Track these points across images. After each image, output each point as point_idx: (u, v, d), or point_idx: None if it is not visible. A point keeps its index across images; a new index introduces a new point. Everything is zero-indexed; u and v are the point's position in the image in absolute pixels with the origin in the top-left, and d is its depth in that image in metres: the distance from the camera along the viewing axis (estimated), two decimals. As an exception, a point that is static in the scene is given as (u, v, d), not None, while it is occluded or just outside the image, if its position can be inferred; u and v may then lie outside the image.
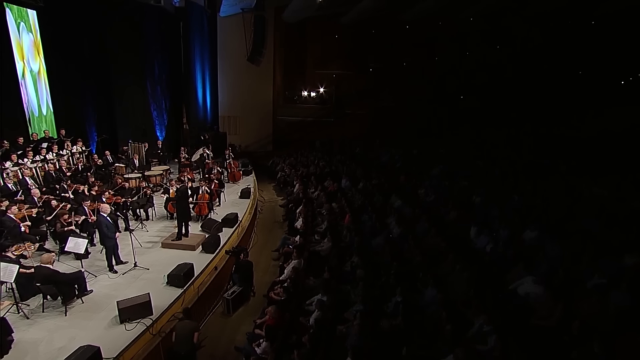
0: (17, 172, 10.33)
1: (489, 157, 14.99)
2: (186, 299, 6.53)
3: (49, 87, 13.62)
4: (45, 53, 13.41)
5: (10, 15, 12.22)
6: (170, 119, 16.72)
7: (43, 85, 13.64)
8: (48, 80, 13.57)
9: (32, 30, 13.20)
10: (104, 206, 7.21)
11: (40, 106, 13.40)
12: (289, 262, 8.03)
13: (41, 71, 13.61)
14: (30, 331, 5.59)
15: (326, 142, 19.64)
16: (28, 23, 13.03)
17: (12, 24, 12.28)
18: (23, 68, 12.69)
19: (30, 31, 13.18)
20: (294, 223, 10.48)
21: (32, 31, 13.20)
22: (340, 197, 11.70)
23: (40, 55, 13.51)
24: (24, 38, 12.84)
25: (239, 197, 11.72)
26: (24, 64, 12.74)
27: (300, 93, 21.25)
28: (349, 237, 9.18)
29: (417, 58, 20.23)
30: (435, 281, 6.63)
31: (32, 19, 13.12)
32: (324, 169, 15.56)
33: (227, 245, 8.36)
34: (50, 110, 13.64)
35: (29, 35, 13.14)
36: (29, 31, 13.11)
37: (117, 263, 7.30)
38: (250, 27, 16.69)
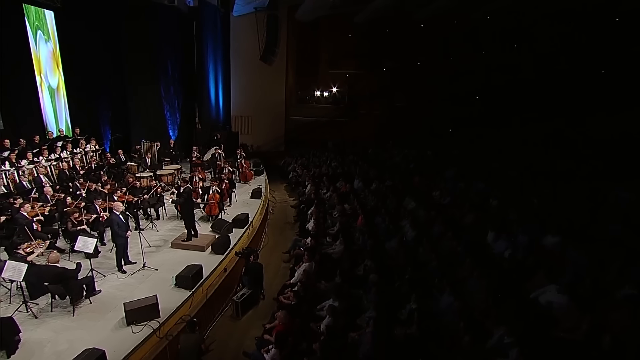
0: (33, 170, 10.44)
1: (505, 159, 14.56)
2: (194, 301, 6.41)
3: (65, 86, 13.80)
4: (62, 53, 13.58)
5: (28, 26, 12.45)
6: (183, 119, 16.74)
7: (62, 101, 13.90)
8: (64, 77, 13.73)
9: (51, 36, 13.42)
10: (117, 204, 7.16)
11: (58, 121, 13.65)
12: (299, 265, 7.84)
13: (60, 86, 13.88)
14: (37, 331, 5.53)
15: (339, 143, 19.42)
16: (45, 27, 13.21)
17: (30, 34, 12.51)
18: (40, 82, 12.89)
19: (49, 40, 13.40)
20: (305, 224, 10.30)
21: (50, 39, 13.42)
22: (353, 198, 11.47)
23: (60, 68, 13.74)
24: (41, 49, 13.04)
25: (250, 197, 11.60)
26: (41, 78, 12.94)
27: (313, 93, 21.06)
28: (361, 240, 8.94)
29: (432, 57, 19.82)
30: (452, 288, 6.36)
31: (49, 21, 13.33)
32: (336, 169, 15.35)
33: (237, 247, 8.22)
34: (68, 125, 13.90)
35: (47, 45, 13.36)
36: (47, 40, 13.32)
37: (125, 263, 7.23)
38: (263, 26, 16.63)
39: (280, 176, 16.55)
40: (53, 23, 13.39)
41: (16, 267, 5.73)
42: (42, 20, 13.19)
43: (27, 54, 12.37)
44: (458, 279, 6.83)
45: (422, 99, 19.71)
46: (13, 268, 5.74)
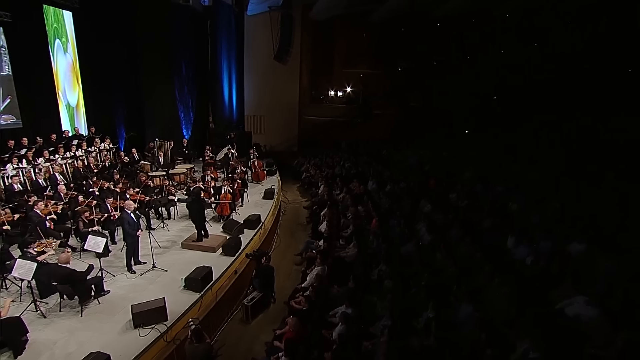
0: (49, 168, 10.52)
1: (524, 161, 14.04)
2: (203, 304, 6.25)
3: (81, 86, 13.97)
4: (79, 53, 13.74)
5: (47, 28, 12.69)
6: (197, 118, 16.74)
7: (82, 117, 14.14)
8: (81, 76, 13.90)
9: (69, 37, 13.62)
10: (128, 203, 7.07)
11: (75, 120, 13.89)
12: (312, 268, 7.62)
13: (80, 104, 14.12)
14: (45, 331, 5.46)
15: (352, 143, 19.13)
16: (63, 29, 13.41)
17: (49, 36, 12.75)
18: (57, 83, 13.14)
19: (66, 51, 13.65)
20: (318, 226, 10.08)
21: (67, 50, 13.66)
22: (367, 200, 11.19)
23: (79, 83, 13.98)
24: (59, 60, 13.26)
25: (262, 197, 11.45)
26: (59, 96, 13.17)
27: (327, 92, 20.81)
28: (375, 243, 8.67)
29: (448, 57, 19.36)
30: (471, 296, 6.05)
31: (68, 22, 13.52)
32: (350, 170, 15.09)
33: (248, 248, 8.06)
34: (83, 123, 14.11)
35: (65, 56, 13.59)
36: (65, 51, 13.55)
37: (135, 263, 7.14)
38: (277, 25, 16.49)
39: (293, 176, 16.38)
40: (71, 24, 13.56)
41: (26, 266, 5.68)
42: (61, 22, 13.38)
43: (46, 53, 12.58)
44: (477, 286, 6.51)
45: (438, 99, 19.27)
46: (22, 266, 5.69)
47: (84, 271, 5.88)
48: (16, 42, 11.62)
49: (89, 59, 13.69)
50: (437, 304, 5.93)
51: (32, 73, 12.06)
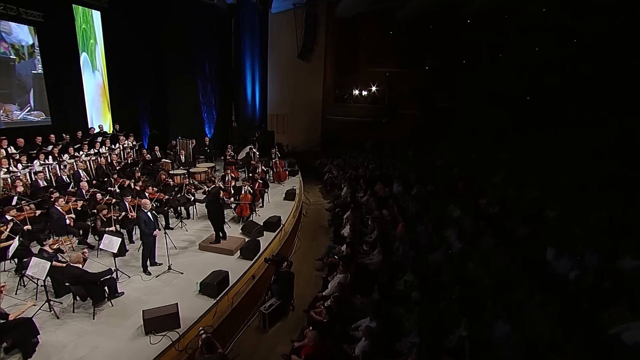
0: (73, 165, 10.58)
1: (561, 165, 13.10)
2: (219, 310, 5.94)
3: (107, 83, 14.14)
4: (106, 52, 13.91)
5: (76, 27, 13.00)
6: (219, 116, 16.65)
7: (107, 114, 14.44)
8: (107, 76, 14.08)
9: (99, 44, 13.95)
10: (145, 201, 6.86)
11: (100, 118, 14.13)
12: (333, 275, 7.20)
13: (106, 101, 14.43)
14: (57, 333, 5.28)
15: (376, 144, 18.57)
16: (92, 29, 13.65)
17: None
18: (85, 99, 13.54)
19: (96, 69, 14.03)
20: (340, 229, 9.64)
21: (95, 52, 13.95)
22: (392, 203, 10.66)
23: (106, 81, 14.22)
24: (86, 78, 13.52)
25: (284, 198, 11.13)
26: (86, 94, 13.54)
27: (351, 92, 20.31)
28: (401, 250, 8.15)
29: (479, 55, 18.46)
30: (509, 313, 5.46)
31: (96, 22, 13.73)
32: (374, 172, 14.57)
33: (267, 252, 7.72)
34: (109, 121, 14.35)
35: (94, 75, 13.97)
36: (93, 69, 13.94)
37: (151, 264, 6.93)
38: (301, 23, 16.17)
39: (315, 177, 16.00)
40: (99, 23, 13.75)
41: (39, 265, 5.52)
42: (90, 22, 13.58)
43: (75, 52, 12.79)
44: (515, 302, 5.90)
45: (467, 99, 18.42)
46: (37, 265, 5.55)
47: (97, 272, 5.68)
48: (47, 41, 11.89)
49: (116, 58, 13.84)
50: (470, 321, 5.39)
51: (61, 71, 12.32)
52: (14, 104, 11.44)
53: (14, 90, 11.40)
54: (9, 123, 11.26)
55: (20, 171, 9.45)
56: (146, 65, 14.32)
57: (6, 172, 9.19)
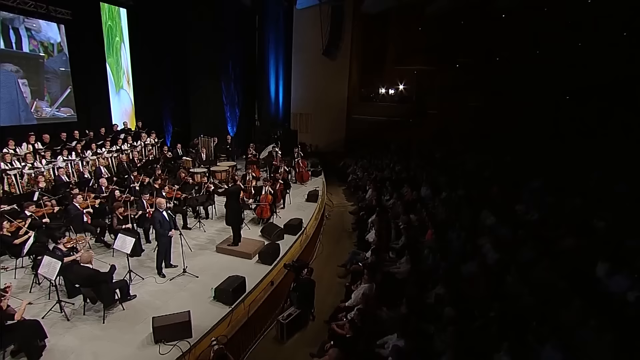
0: (95, 161, 10.54)
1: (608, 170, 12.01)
2: (234, 318, 5.54)
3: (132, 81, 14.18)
4: (132, 50, 13.95)
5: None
6: (242, 115, 16.43)
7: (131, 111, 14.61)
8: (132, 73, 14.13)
9: (124, 41, 14.01)
10: (160, 200, 6.56)
11: (124, 114, 14.27)
12: (357, 284, 6.68)
13: (130, 98, 14.62)
14: (65, 337, 5.03)
15: (402, 145, 17.85)
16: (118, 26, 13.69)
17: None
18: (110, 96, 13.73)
19: (121, 67, 14.16)
20: (364, 234, 9.10)
21: (120, 49, 14.04)
22: (420, 208, 10.02)
23: (130, 78, 14.35)
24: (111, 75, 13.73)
25: (306, 200, 10.69)
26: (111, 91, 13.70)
27: (378, 90, 19.63)
28: (431, 259, 7.53)
29: (514, 52, 17.38)
30: (558, 337, 4.78)
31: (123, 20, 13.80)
32: (400, 174, 13.91)
33: (287, 258, 7.28)
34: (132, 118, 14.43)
35: (119, 73, 14.07)
36: (118, 67, 14.11)
37: (166, 266, 6.63)
38: (327, 19, 15.70)
39: (338, 178, 15.49)
40: (125, 21, 13.80)
41: (50, 264, 5.30)
42: (116, 19, 13.66)
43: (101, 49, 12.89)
44: (564, 324, 5.20)
45: (500, 99, 17.39)
46: (48, 264, 5.33)
47: (107, 272, 5.40)
48: (74, 39, 12.01)
49: (141, 55, 13.88)
50: (513, 344, 4.75)
51: (87, 69, 12.45)
52: (43, 100, 11.60)
53: (43, 87, 11.55)
54: (38, 119, 11.41)
55: (44, 166, 9.45)
56: (170, 63, 14.29)
57: (30, 167, 9.20)
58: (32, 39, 11.18)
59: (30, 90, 11.25)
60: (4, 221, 6.52)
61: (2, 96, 10.38)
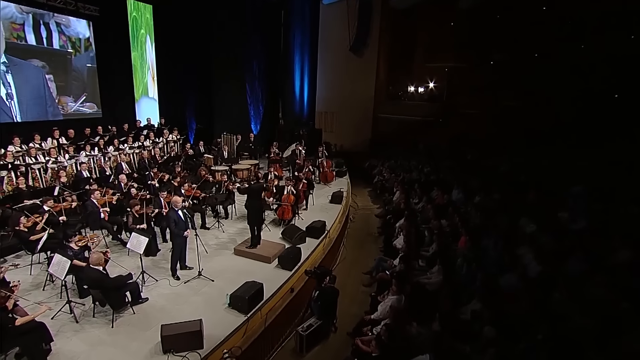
0: (117, 157, 10.45)
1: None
2: (249, 328, 5.11)
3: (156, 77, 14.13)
4: (156, 46, 13.90)
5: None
6: (266, 113, 16.13)
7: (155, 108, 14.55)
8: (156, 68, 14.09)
9: (150, 35, 13.96)
10: (175, 199, 6.23)
11: (148, 111, 14.21)
12: (383, 295, 6.12)
13: (154, 95, 14.51)
14: (72, 341, 4.76)
15: (431, 145, 17.04)
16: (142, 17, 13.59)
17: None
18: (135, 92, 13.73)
19: (145, 46, 14.03)
20: (391, 239, 8.50)
21: (145, 44, 14.02)
22: (453, 212, 9.31)
23: (155, 74, 14.28)
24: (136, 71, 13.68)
25: (329, 201, 10.20)
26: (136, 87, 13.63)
27: (406, 88, 18.79)
28: (465, 269, 6.86)
29: (555, 46, 16.19)
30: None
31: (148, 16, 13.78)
32: (429, 176, 13.19)
33: (309, 262, 6.81)
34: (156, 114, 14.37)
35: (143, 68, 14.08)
36: (143, 62, 14.02)
37: (182, 267, 6.29)
38: (354, 14, 15.13)
39: (363, 179, 14.89)
40: (150, 13, 13.76)
41: (60, 263, 5.05)
42: (141, 10, 13.60)
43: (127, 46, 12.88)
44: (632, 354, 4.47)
45: (538, 97, 16.26)
46: (57, 263, 5.08)
47: (117, 277, 5.09)
48: (101, 35, 12.04)
49: (165, 50, 13.81)
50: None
51: (113, 65, 12.48)
52: (69, 96, 11.66)
53: (70, 83, 11.61)
54: (66, 114, 11.48)
55: (67, 161, 9.41)
56: (194, 59, 14.17)
57: (54, 162, 9.17)
58: (61, 34, 11.25)
59: (56, 85, 11.32)
60: (21, 216, 6.39)
61: (30, 91, 10.48)
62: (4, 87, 10.11)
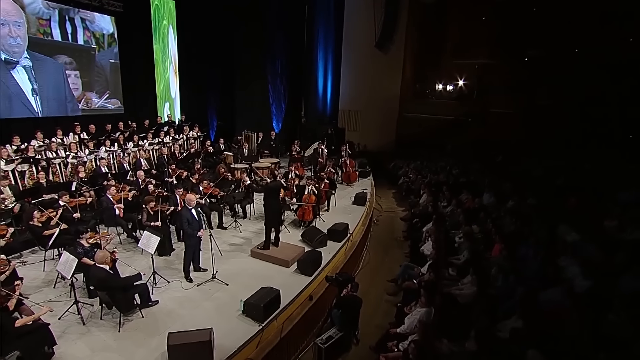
0: (136, 153, 10.32)
1: None
2: (264, 338, 4.70)
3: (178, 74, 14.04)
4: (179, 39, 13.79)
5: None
6: (288, 111, 15.78)
7: (176, 104, 14.40)
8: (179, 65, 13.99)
9: (172, 27, 13.80)
10: (189, 197, 5.90)
11: (173, 108, 14.25)
12: (411, 307, 5.57)
13: (175, 91, 14.40)
14: (77, 344, 4.47)
15: (460, 146, 16.25)
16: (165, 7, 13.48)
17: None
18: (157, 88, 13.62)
19: (168, 57, 14.03)
20: (418, 245, 7.92)
21: (168, 41, 13.95)
22: (485, 217, 8.63)
23: (177, 71, 14.17)
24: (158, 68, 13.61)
25: (352, 202, 9.69)
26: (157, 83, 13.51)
27: (434, 86, 18.06)
28: (501, 281, 6.22)
29: (598, 41, 15.06)
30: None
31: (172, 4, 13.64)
32: (458, 178, 12.48)
33: (330, 268, 6.34)
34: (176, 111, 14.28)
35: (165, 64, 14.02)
36: (165, 57, 13.92)
37: (195, 269, 5.96)
38: (381, 8, 14.56)
39: (388, 180, 14.31)
40: (173, 7, 13.67)
41: (67, 262, 4.79)
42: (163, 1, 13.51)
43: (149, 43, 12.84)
44: None
45: (576, 96, 15.18)
46: (65, 262, 4.82)
47: (124, 277, 4.78)
48: (124, 31, 12.02)
49: (188, 45, 13.75)
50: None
51: (135, 61, 12.43)
52: (93, 92, 11.67)
53: (93, 79, 11.62)
54: (86, 110, 11.48)
55: (87, 156, 9.33)
56: (216, 56, 14.01)
57: (74, 157, 9.10)
58: (86, 29, 11.26)
59: (81, 81, 11.34)
60: (35, 211, 6.24)
61: (52, 87, 10.50)
62: (30, 82, 10.18)
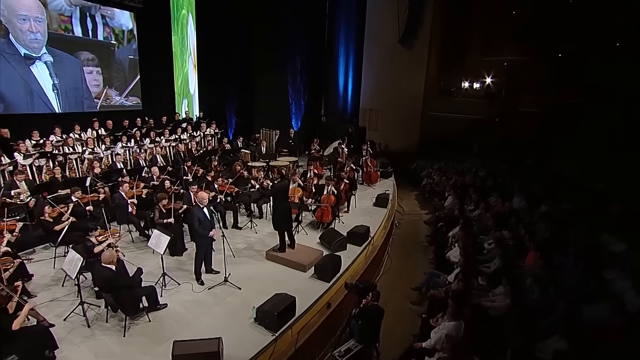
0: (152, 150, 10.18)
1: None
2: (277, 349, 4.33)
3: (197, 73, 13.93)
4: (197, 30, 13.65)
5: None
6: (308, 109, 15.42)
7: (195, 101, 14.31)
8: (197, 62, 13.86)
9: (192, 17, 13.65)
10: (201, 195, 5.58)
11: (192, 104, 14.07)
12: (437, 319, 5.09)
13: (194, 89, 14.29)
14: (80, 349, 4.23)
15: (487, 147, 15.51)
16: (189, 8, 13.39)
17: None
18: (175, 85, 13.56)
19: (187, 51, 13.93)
20: (444, 251, 7.39)
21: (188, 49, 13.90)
22: (516, 222, 8.02)
23: (196, 68, 14.05)
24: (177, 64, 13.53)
25: (374, 204, 9.26)
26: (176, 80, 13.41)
27: (460, 84, 17.34)
28: (538, 293, 5.65)
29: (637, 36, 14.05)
30: None
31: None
32: (485, 180, 11.83)
33: (350, 274, 5.92)
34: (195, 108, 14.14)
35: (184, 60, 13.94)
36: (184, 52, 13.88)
37: (207, 271, 5.66)
38: (405, 2, 14.01)
39: (410, 182, 13.75)
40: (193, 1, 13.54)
41: (73, 261, 4.56)
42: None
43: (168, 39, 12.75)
44: None
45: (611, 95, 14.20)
46: (71, 261, 4.60)
47: (131, 277, 4.50)
48: (144, 28, 11.97)
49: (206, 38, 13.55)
50: None
51: (154, 57, 12.36)
52: (112, 88, 11.64)
53: (112, 75, 11.58)
54: (105, 106, 11.45)
55: (103, 152, 9.23)
56: (235, 50, 13.82)
57: (90, 153, 9.01)
58: (106, 26, 11.24)
59: (102, 78, 11.33)
60: (46, 206, 6.09)
61: (69, 83, 10.50)
62: (51, 78, 10.20)
